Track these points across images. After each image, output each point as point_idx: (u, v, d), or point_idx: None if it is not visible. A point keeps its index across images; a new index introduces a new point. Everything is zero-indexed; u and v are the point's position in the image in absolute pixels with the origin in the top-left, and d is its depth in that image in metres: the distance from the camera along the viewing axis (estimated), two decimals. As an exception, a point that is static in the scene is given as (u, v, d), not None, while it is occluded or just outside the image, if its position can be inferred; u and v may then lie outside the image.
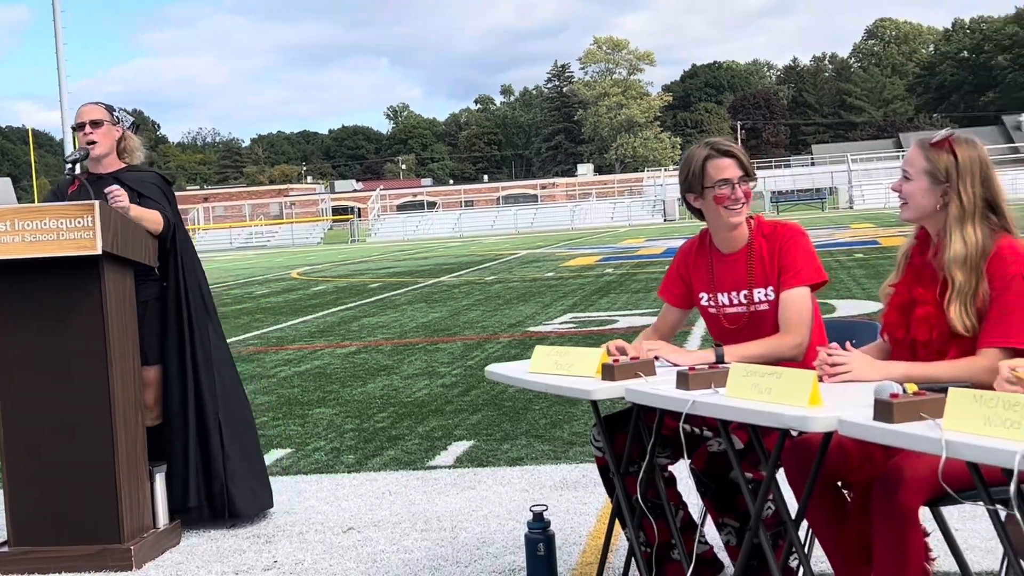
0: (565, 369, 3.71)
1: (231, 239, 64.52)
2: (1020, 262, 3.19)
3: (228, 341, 5.97)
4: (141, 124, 5.84)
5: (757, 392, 3.05)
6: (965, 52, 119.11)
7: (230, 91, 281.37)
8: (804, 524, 3.54)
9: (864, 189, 56.77)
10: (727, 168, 3.78)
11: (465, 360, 10.60)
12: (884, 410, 2.65)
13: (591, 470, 5.63)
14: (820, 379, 3.10)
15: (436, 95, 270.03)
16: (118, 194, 5.06)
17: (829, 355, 3.26)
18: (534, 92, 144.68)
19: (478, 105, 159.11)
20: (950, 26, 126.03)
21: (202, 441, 5.32)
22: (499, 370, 3.95)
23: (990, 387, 3.07)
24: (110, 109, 5.37)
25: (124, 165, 5.40)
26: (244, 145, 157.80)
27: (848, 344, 3.34)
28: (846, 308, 12.62)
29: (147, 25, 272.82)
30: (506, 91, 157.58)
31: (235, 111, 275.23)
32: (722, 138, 3.89)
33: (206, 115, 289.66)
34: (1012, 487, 2.34)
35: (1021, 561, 2.67)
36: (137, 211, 5.12)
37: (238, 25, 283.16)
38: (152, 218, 5.18)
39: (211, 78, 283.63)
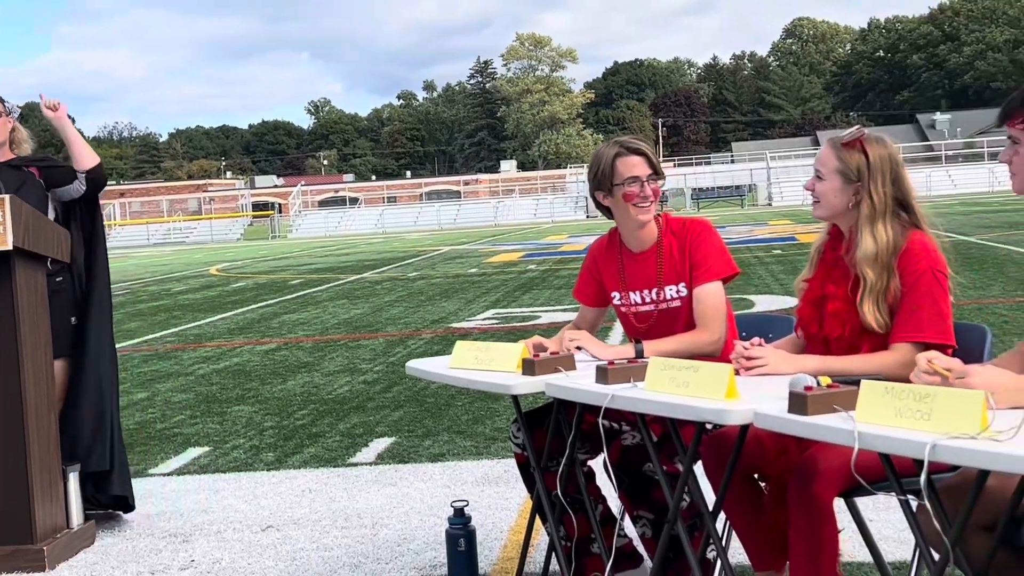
0: (485, 364, 3.71)
1: (148, 235, 63.54)
2: (930, 258, 3.25)
3: (145, 338, 5.88)
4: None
5: (675, 386, 3.07)
6: (881, 52, 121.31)
7: (148, 85, 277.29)
8: (722, 516, 3.58)
9: (783, 186, 57.57)
10: (636, 166, 3.80)
11: (387, 357, 10.55)
12: (798, 403, 2.68)
13: (513, 465, 5.63)
14: (736, 373, 3.13)
15: (358, 90, 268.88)
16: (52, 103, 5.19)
17: (745, 349, 3.30)
18: (457, 88, 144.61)
19: (401, 100, 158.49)
20: (866, 26, 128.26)
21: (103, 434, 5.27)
22: (419, 366, 3.94)
23: (903, 381, 3.13)
24: (1, 100, 5.27)
25: (13, 156, 5.30)
26: (162, 140, 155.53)
27: (760, 340, 3.38)
28: (764, 303, 12.78)
29: (64, 17, 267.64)
30: (429, 87, 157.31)
31: (153, 105, 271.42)
32: (632, 137, 3.92)
33: (123, 109, 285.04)
34: (923, 478, 2.37)
35: (931, 551, 2.71)
36: (73, 134, 5.23)
37: (157, 19, 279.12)
38: (87, 150, 5.26)
39: (129, 72, 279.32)
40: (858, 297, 3.29)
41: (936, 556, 2.67)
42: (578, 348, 3.71)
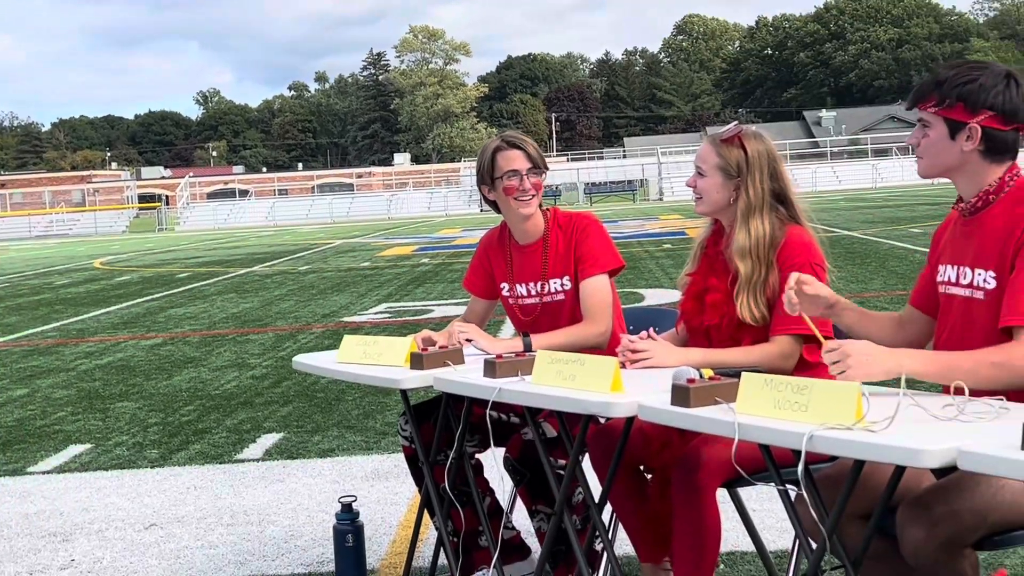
0: (374, 359, 3.68)
1: (30, 227, 61.78)
2: (808, 252, 3.31)
3: (24, 333, 5.72)
4: None
5: (562, 379, 3.09)
6: (769, 49, 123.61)
7: (29, 73, 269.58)
8: (610, 508, 3.61)
9: (673, 181, 58.30)
10: (515, 160, 3.83)
11: (276, 351, 10.42)
12: (681, 395, 2.71)
13: (403, 460, 5.60)
14: (622, 365, 3.16)
15: (248, 81, 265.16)
16: None
17: (631, 342, 3.33)
18: (350, 80, 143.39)
19: (292, 92, 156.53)
20: (754, 24, 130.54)
21: None
22: (307, 360, 3.90)
23: (784, 372, 3.20)
24: None
25: None
26: (44, 129, 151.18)
27: (652, 331, 3.41)
28: (654, 296, 12.93)
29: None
30: (320, 78, 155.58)
31: (35, 94, 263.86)
32: (516, 132, 3.95)
33: (3, 98, 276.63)
34: (800, 468, 2.42)
35: (810, 539, 2.77)
36: None
37: (38, 5, 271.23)
38: None
39: (9, 59, 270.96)
40: (735, 291, 3.34)
41: (815, 545, 2.72)
42: (467, 341, 3.71)
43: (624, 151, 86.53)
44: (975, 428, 2.35)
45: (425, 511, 3.95)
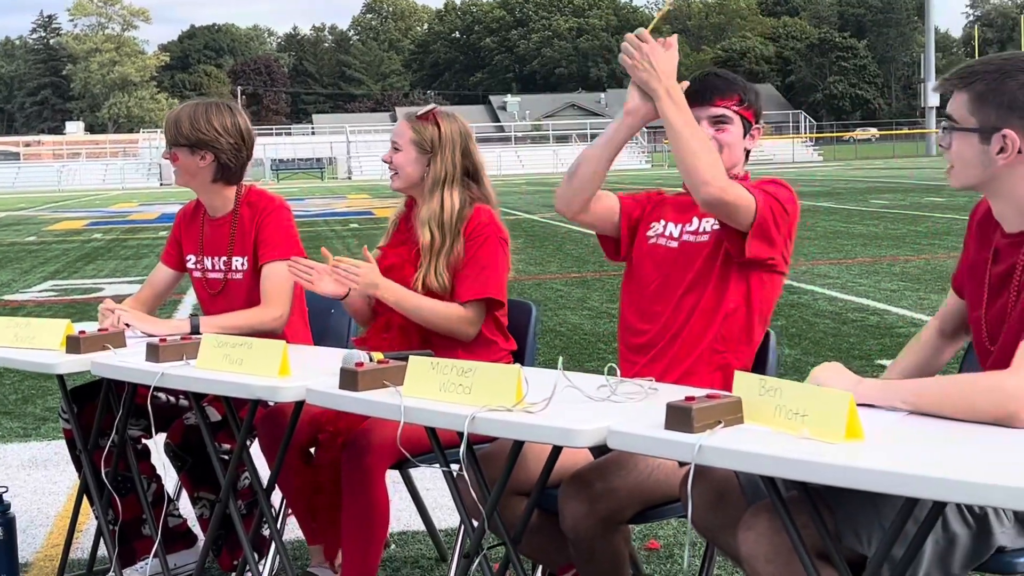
0: (27, 342, 3.48)
1: None
2: (494, 227, 3.43)
3: None
4: None
5: (229, 363, 3.02)
6: (457, 33, 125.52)
7: None
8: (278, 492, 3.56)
9: (362, 160, 58.27)
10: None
11: (-73, 331, 9.63)
12: (349, 379, 2.70)
13: (65, 446, 5.33)
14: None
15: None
16: None
17: (338, 261, 3.32)
18: (18, 43, 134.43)
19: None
20: (443, 7, 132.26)
21: None
22: (-50, 343, 3.62)
23: (466, 337, 3.32)
24: None
25: None
26: None
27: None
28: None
29: None
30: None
31: None
32: (189, 103, 3.79)
33: None
34: (462, 449, 2.46)
35: (473, 519, 2.83)
36: None
37: None
38: None
39: None
40: (420, 259, 3.39)
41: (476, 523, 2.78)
42: (127, 325, 3.55)
43: (313, 128, 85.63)
44: (626, 408, 2.46)
45: (85, 499, 3.77)
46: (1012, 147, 2.32)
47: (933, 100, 57.53)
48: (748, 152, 3.16)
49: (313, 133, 78.86)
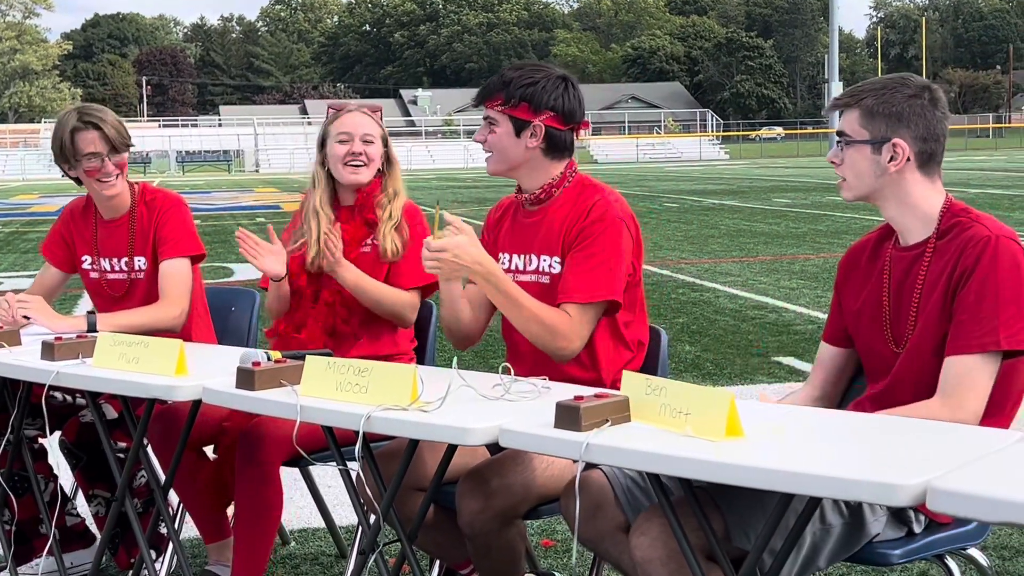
0: (-84, 339, 3.42)
1: None
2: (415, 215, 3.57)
3: None
4: None
5: (125, 362, 3.01)
6: (367, 26, 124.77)
7: None
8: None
9: (270, 153, 57.69)
10: (93, 142, 3.66)
11: None
12: (246, 378, 2.72)
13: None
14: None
15: None
16: None
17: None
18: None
19: None
20: (353, 0, 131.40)
21: None
22: None
23: (407, 321, 3.48)
24: None
25: None
26: None
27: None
28: (244, 272, 12.77)
29: None
30: None
31: None
32: (94, 107, 3.74)
33: None
34: (358, 447, 2.50)
35: (371, 515, 2.87)
36: None
37: None
38: None
39: None
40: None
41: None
42: (26, 318, 3.52)
43: (220, 120, 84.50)
44: (519, 407, 2.52)
45: (-20, 501, 3.72)
46: (902, 154, 2.52)
47: (836, 100, 58.62)
48: (563, 144, 3.02)
49: (220, 125, 77.79)
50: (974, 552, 2.65)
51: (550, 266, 3.01)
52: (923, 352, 2.51)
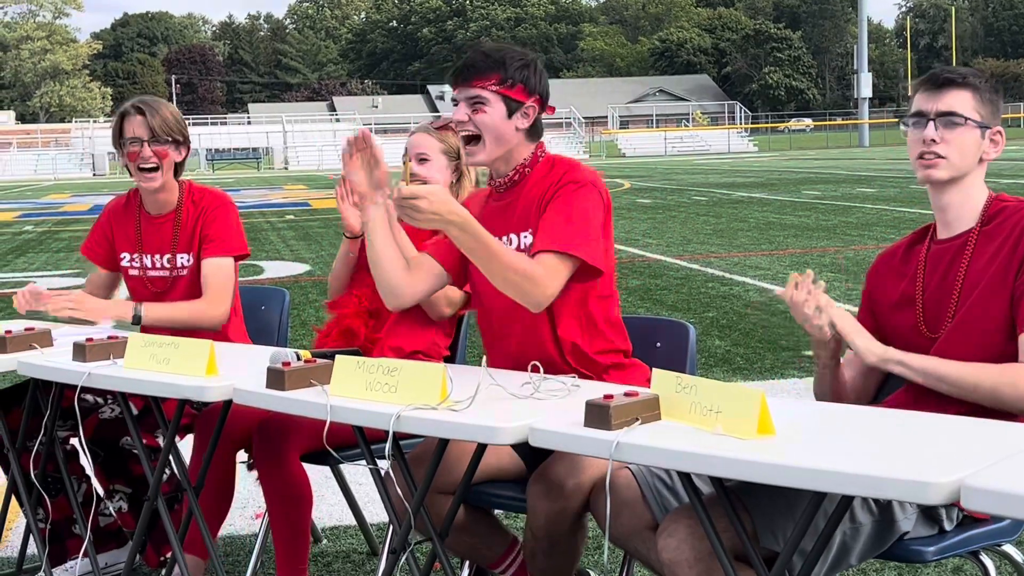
0: (-51, 342, 3.45)
1: None
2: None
3: None
4: None
5: (155, 363, 3.03)
6: (394, 22, 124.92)
7: None
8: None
9: (299, 151, 57.86)
10: (136, 127, 3.69)
11: None
12: (276, 378, 2.73)
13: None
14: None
15: None
16: None
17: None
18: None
19: None
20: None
21: None
22: None
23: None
24: None
25: None
26: None
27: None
28: (274, 269, 12.82)
29: None
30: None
31: None
32: (151, 98, 3.78)
33: None
34: (387, 447, 2.51)
35: (400, 515, 2.87)
36: None
37: None
38: None
39: None
40: None
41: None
42: (71, 311, 3.55)
43: (249, 118, 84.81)
44: (548, 406, 2.51)
45: (14, 498, 3.75)
46: (1000, 143, 2.62)
47: (866, 91, 58.31)
48: (541, 126, 3.00)
49: (249, 123, 78.07)
50: (1009, 548, 2.63)
51: (530, 242, 2.92)
52: (971, 332, 2.53)
